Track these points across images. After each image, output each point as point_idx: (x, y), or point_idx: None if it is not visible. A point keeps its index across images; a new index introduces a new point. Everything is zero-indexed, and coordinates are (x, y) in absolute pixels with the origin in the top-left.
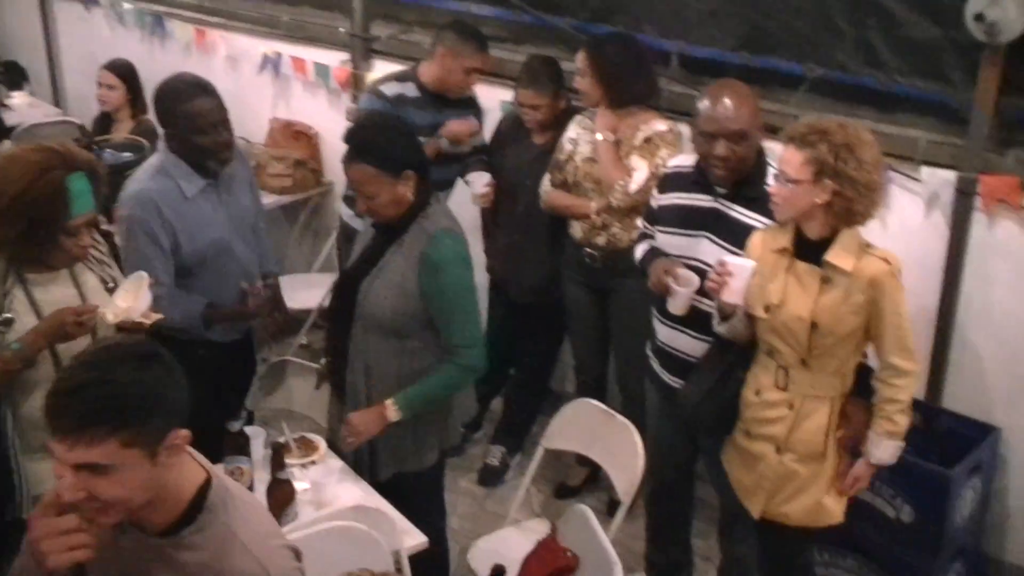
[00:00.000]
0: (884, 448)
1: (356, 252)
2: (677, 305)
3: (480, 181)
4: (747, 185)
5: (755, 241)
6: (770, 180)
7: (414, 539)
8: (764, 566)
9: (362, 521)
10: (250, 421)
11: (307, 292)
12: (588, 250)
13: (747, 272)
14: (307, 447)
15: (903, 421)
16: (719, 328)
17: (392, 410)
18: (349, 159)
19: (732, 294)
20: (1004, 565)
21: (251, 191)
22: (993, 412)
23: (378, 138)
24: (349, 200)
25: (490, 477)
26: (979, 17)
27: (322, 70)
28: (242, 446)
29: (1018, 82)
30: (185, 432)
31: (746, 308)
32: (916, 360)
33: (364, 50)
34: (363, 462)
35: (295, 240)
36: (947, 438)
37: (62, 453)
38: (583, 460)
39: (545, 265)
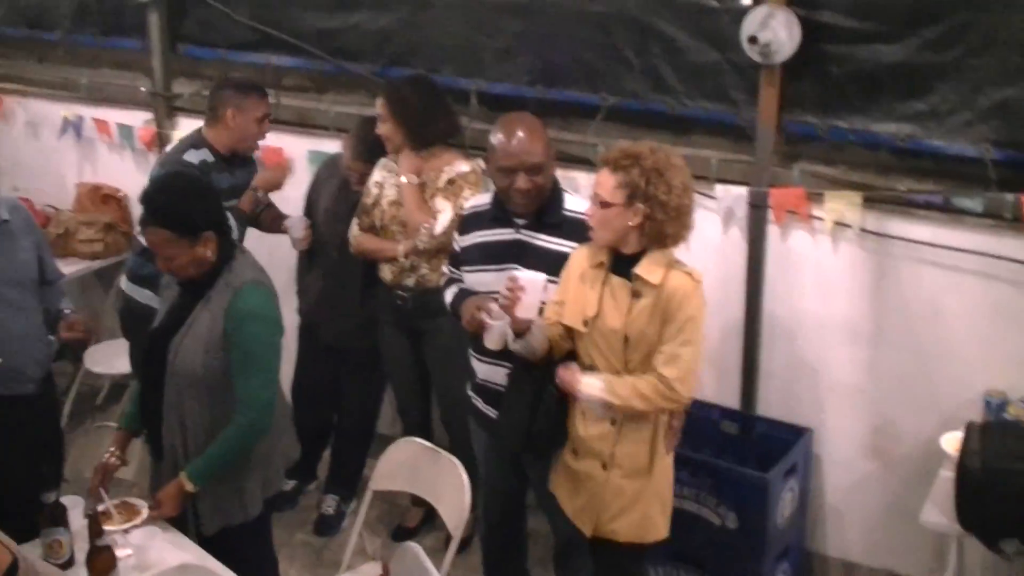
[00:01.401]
0: (591, 388)
1: (162, 311)
2: (493, 340)
3: (299, 226)
4: (547, 213)
5: (576, 257)
6: (567, 205)
7: None
8: None
9: None
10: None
11: (124, 358)
12: (399, 292)
13: (539, 286)
14: (128, 511)
15: (625, 400)
16: (514, 346)
17: (187, 482)
18: (145, 223)
19: (525, 309)
20: (827, 559)
21: (35, 249)
22: (804, 415)
23: (174, 201)
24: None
25: (325, 527)
26: (752, 40)
27: (126, 131)
28: (58, 517)
29: (796, 99)
30: None
31: (566, 322)
32: (684, 387)
33: (167, 108)
34: (189, 520)
35: (110, 306)
36: (764, 443)
37: None
38: (418, 500)
39: (358, 309)
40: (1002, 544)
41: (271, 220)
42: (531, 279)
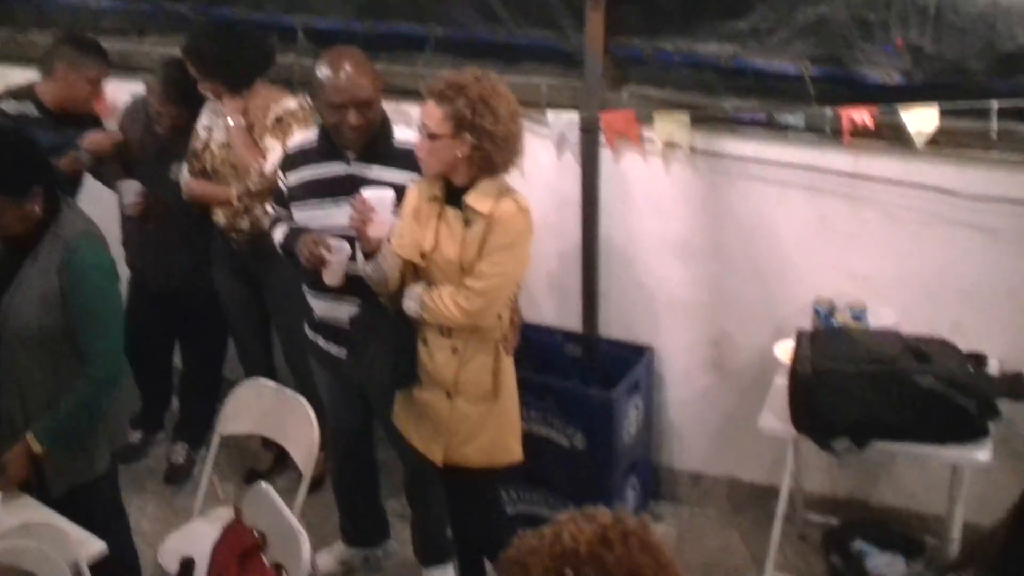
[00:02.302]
0: (409, 298)
1: None
2: (333, 276)
3: (131, 191)
4: (377, 145)
5: (412, 192)
6: (397, 136)
7: (92, 547)
8: (453, 511)
9: (32, 539)
10: None
11: None
12: (233, 236)
13: (388, 203)
14: None
15: (429, 307)
16: (366, 269)
17: (34, 443)
18: None
19: (377, 228)
20: (674, 471)
21: None
22: (644, 333)
23: None
24: None
25: (176, 475)
26: None
27: None
28: None
29: (622, 23)
30: None
31: (403, 255)
32: (480, 306)
33: None
34: (34, 484)
35: None
36: (607, 364)
37: None
38: (268, 443)
39: (188, 254)
40: (833, 443)
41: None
42: (380, 197)
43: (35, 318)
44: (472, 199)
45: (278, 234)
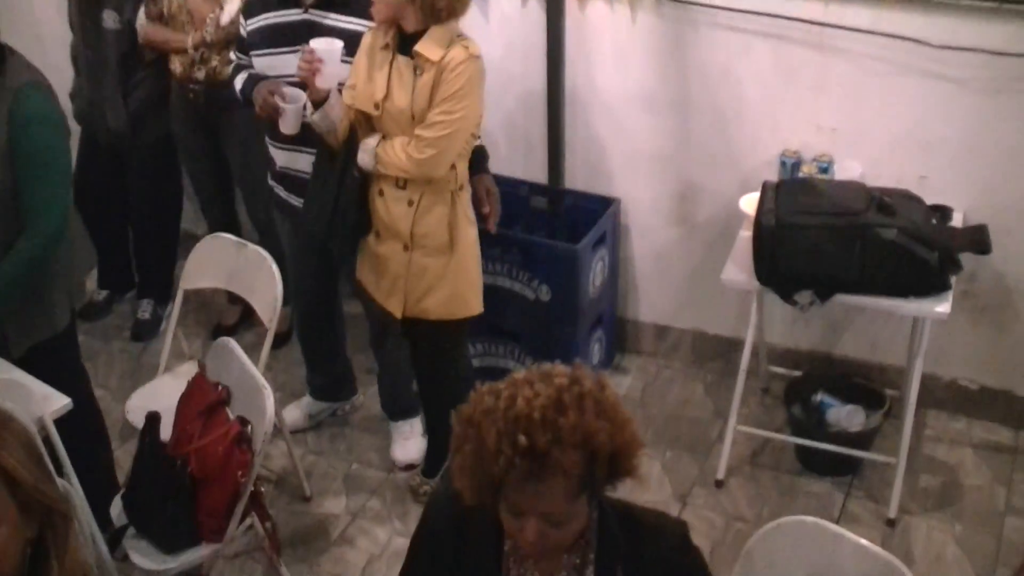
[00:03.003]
0: (365, 150)
1: None
2: (288, 124)
3: None
4: None
5: (366, 40)
6: None
7: (57, 403)
8: (417, 365)
9: None
10: None
11: None
12: (190, 86)
13: (336, 55)
14: None
15: (382, 158)
16: (313, 118)
17: None
18: None
19: (325, 79)
20: (640, 324)
21: None
22: (610, 185)
23: None
24: None
25: (143, 332)
26: None
27: None
28: None
29: None
30: None
31: (356, 106)
32: (431, 155)
33: None
34: None
35: None
36: (573, 216)
37: None
38: (234, 298)
39: (122, 103)
40: (796, 296)
41: None
42: (328, 48)
43: None
44: (422, 46)
45: (238, 81)
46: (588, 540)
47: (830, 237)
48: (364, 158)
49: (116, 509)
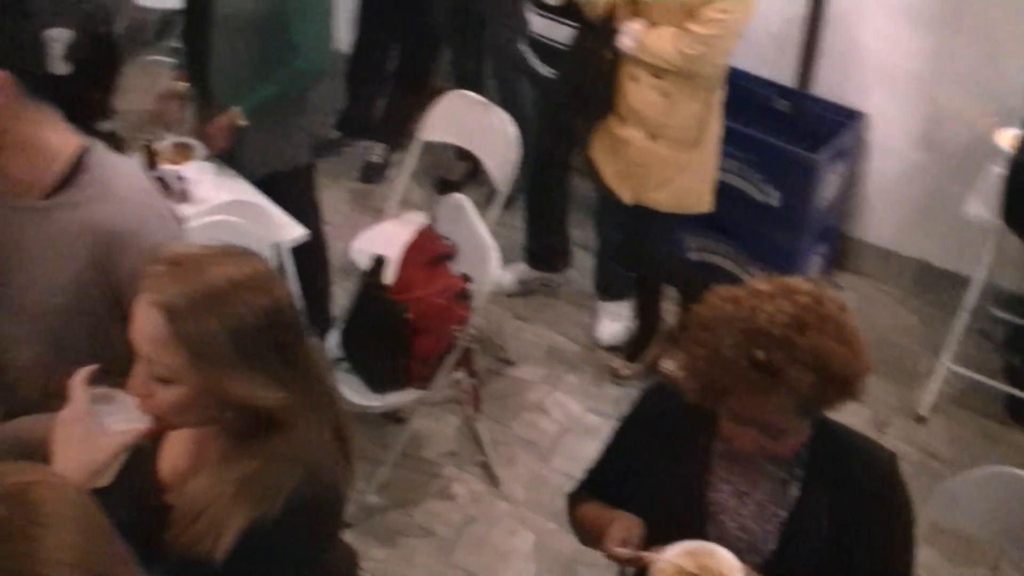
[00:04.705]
0: (628, 32)
1: None
2: None
3: None
4: None
5: None
6: None
7: (293, 232)
8: (630, 248)
9: (239, 216)
10: None
11: None
12: None
13: None
14: (181, 152)
15: (647, 46)
16: None
17: (238, 115)
18: None
19: None
20: (864, 244)
21: None
22: (861, 98)
23: None
24: None
25: (372, 174)
26: None
27: None
28: (119, 147)
29: None
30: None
31: None
32: (701, 51)
33: None
34: (237, 164)
35: None
36: (815, 124)
37: None
38: (463, 155)
39: None
40: None
41: None
42: None
43: (248, 2)
44: None
45: None
46: (798, 456)
47: None
48: (626, 41)
49: (332, 342)
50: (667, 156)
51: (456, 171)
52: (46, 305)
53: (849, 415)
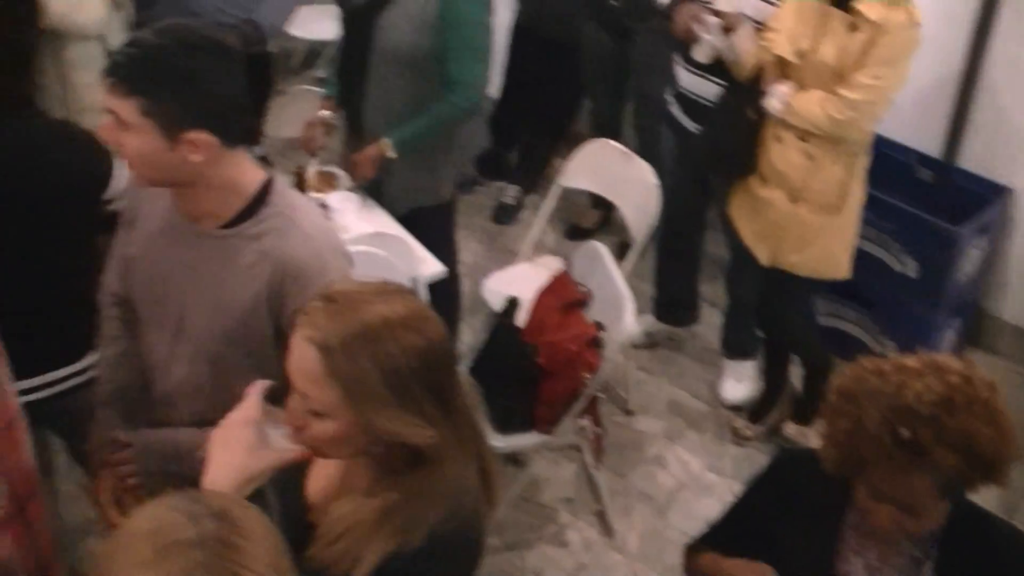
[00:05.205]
0: (777, 93)
1: None
2: (702, 52)
3: None
4: None
5: None
6: None
7: (431, 268)
8: (765, 309)
9: (380, 247)
10: None
11: (324, 23)
12: None
13: None
14: (326, 181)
15: (795, 109)
16: (720, 43)
17: (388, 147)
18: None
19: (725, 1)
20: (1002, 323)
21: None
22: (1009, 173)
23: None
24: None
25: (504, 215)
26: None
27: None
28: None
29: None
30: (207, 138)
31: (777, 52)
32: (851, 117)
33: None
34: (381, 196)
35: None
36: (958, 196)
37: (105, 96)
38: (596, 203)
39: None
40: None
41: None
42: None
43: (408, 37)
44: (862, 3)
45: None
46: (935, 536)
47: None
48: (774, 103)
49: None
50: (808, 219)
51: (589, 218)
52: (212, 328)
53: (975, 495)
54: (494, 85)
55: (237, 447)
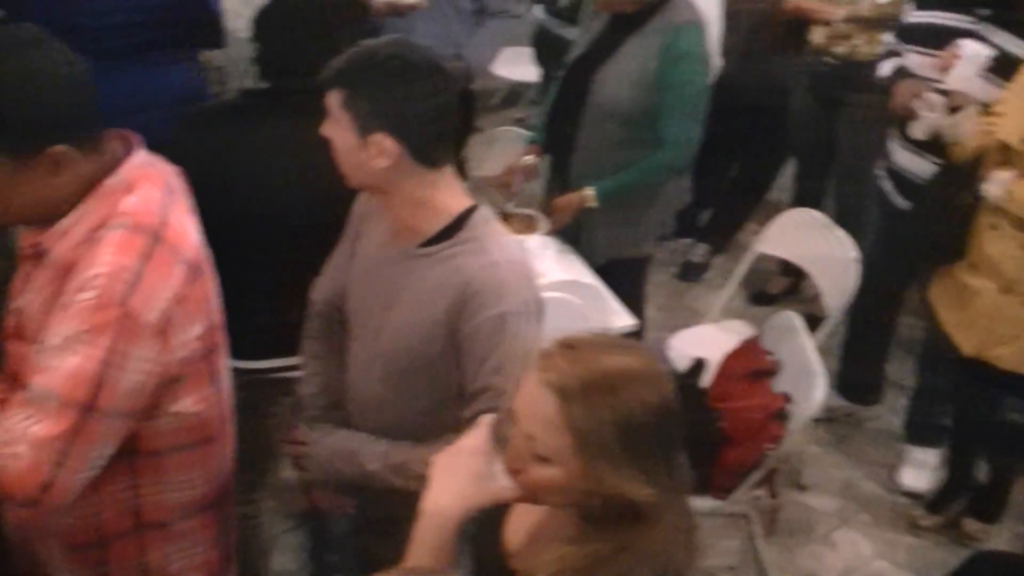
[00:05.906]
0: (995, 182)
1: (584, 41)
2: (920, 129)
3: None
4: (1016, 7)
5: None
6: None
7: (622, 320)
8: (962, 399)
9: (574, 295)
10: None
11: (526, 66)
12: (825, 59)
13: (976, 60)
14: (525, 224)
15: (1017, 198)
16: (941, 121)
17: (591, 197)
18: None
19: (954, 79)
20: None
21: None
22: None
23: None
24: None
25: (691, 273)
26: None
27: None
28: None
29: None
30: (391, 145)
31: (1001, 136)
32: None
33: None
34: (579, 244)
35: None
36: None
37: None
38: (785, 270)
39: (777, 67)
40: None
41: None
42: (973, 52)
43: (626, 93)
44: None
45: (887, 67)
46: None
47: None
48: (993, 190)
49: None
50: (1017, 313)
51: (776, 285)
52: (399, 345)
53: None
54: None
55: (461, 475)
